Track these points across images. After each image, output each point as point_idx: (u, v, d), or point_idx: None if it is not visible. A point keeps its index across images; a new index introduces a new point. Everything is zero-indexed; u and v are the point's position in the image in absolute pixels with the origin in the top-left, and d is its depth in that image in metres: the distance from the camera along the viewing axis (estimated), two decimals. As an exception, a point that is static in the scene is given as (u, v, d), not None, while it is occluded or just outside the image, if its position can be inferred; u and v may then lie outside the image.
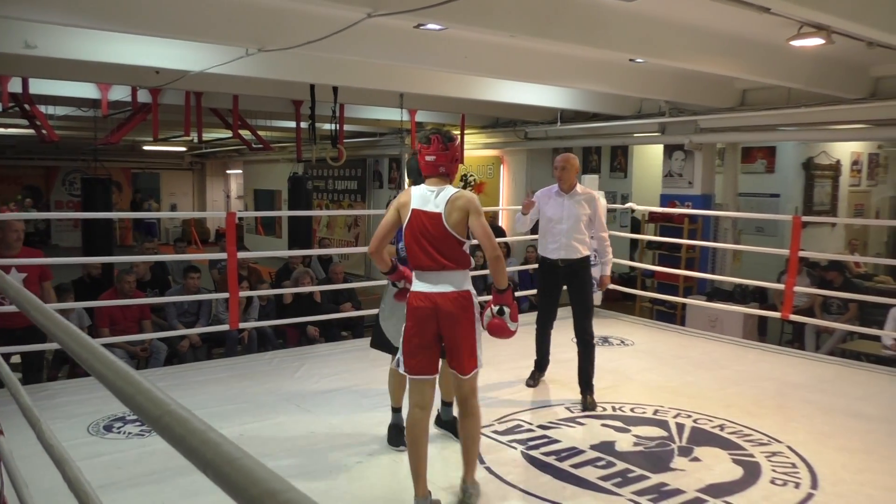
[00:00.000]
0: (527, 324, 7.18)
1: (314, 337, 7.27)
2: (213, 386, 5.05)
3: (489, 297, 3.31)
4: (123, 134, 9.99)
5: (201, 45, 5.96)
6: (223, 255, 6.01)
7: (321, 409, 4.53)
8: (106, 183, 10.67)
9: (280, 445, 3.92)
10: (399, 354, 3.24)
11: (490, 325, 3.24)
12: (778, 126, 8.53)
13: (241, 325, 6.21)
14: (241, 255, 6.52)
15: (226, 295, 5.73)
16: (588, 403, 4.60)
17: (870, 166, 12.51)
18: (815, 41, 5.08)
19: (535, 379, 5.13)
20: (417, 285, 3.16)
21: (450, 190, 3.13)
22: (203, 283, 8.43)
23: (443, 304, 3.08)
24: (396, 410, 3.98)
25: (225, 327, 6.00)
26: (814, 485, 3.51)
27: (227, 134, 12.05)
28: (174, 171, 25.10)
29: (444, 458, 3.76)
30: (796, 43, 5.20)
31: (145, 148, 19.59)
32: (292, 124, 10.60)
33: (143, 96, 8.76)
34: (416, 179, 3.74)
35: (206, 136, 13.14)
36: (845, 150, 11.89)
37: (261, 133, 11.74)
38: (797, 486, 3.50)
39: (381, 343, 4.07)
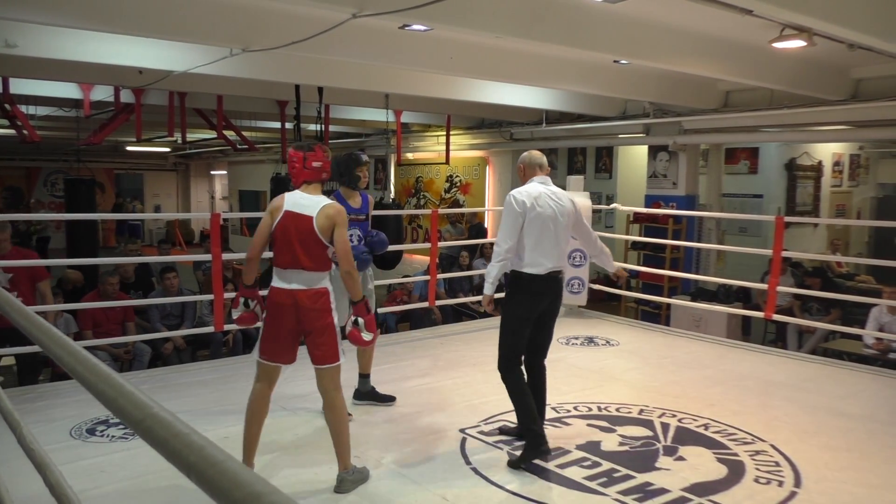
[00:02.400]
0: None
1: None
2: (198, 388, 5.02)
3: (479, 297, 3.43)
4: (106, 134, 9.90)
5: (185, 45, 5.92)
6: (208, 257, 5.97)
7: (306, 411, 4.51)
8: (89, 184, 10.57)
9: (265, 447, 3.89)
10: (258, 342, 3.49)
11: (349, 334, 3.55)
12: (761, 127, 8.60)
13: (226, 328, 6.17)
14: (226, 256, 6.47)
15: (210, 297, 5.70)
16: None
17: (851, 167, 12.65)
18: (797, 43, 5.13)
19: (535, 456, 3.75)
20: (279, 282, 3.37)
21: (323, 199, 3.40)
22: (187, 285, 8.37)
23: (303, 299, 3.33)
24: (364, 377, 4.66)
25: (210, 329, 5.96)
26: (797, 483, 3.54)
27: (212, 134, 11.96)
28: (158, 171, 24.90)
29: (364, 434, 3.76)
30: (778, 45, 5.25)
31: (128, 148, 19.43)
32: (277, 125, 10.56)
33: (127, 96, 8.69)
34: (348, 181, 4.45)
35: (191, 136, 13.03)
36: (827, 151, 12.02)
37: (245, 134, 11.69)
38: (780, 484, 3.53)
39: None
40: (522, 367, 3.85)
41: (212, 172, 25.32)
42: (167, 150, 21.19)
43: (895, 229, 12.29)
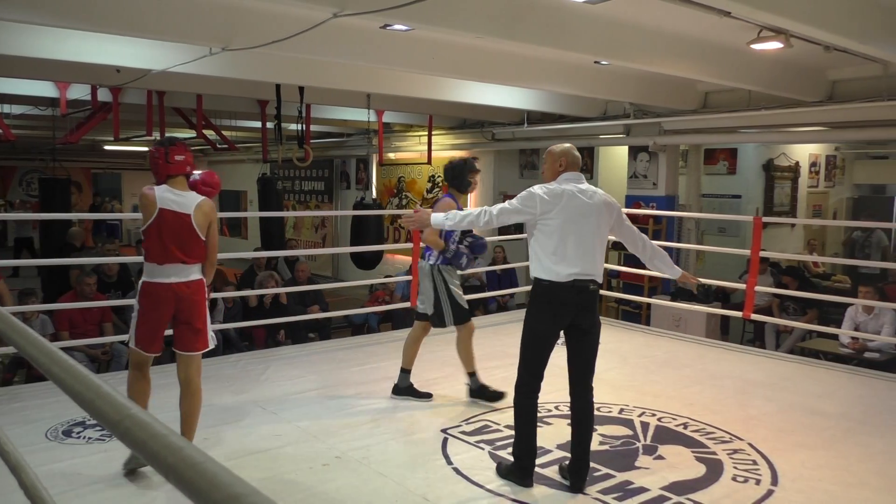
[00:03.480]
0: (493, 324, 7.23)
1: (280, 339, 7.22)
2: (177, 389, 4.96)
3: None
4: (83, 133, 9.78)
5: (163, 43, 5.86)
6: (187, 257, 5.91)
7: (287, 412, 4.49)
8: (65, 183, 10.44)
9: (245, 448, 3.87)
10: (132, 331, 3.58)
11: None
12: (739, 128, 8.69)
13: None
14: (206, 256, 6.41)
15: (190, 297, 5.64)
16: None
17: (827, 168, 12.82)
18: (774, 45, 5.19)
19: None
20: (157, 277, 3.47)
21: (195, 195, 3.52)
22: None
23: (183, 291, 3.49)
24: (406, 371, 4.79)
25: (189, 330, 5.90)
26: (774, 481, 3.58)
27: (191, 134, 11.86)
28: (136, 171, 24.55)
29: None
30: (756, 46, 5.31)
31: (106, 148, 19.18)
32: (258, 124, 10.48)
33: (104, 95, 8.59)
34: (459, 185, 4.66)
35: (170, 135, 12.91)
36: (804, 153, 12.17)
37: (226, 133, 11.59)
38: (758, 482, 3.57)
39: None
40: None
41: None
42: (146, 149, 20.92)
43: (869, 230, 12.52)
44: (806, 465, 3.80)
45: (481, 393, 4.72)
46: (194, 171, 3.64)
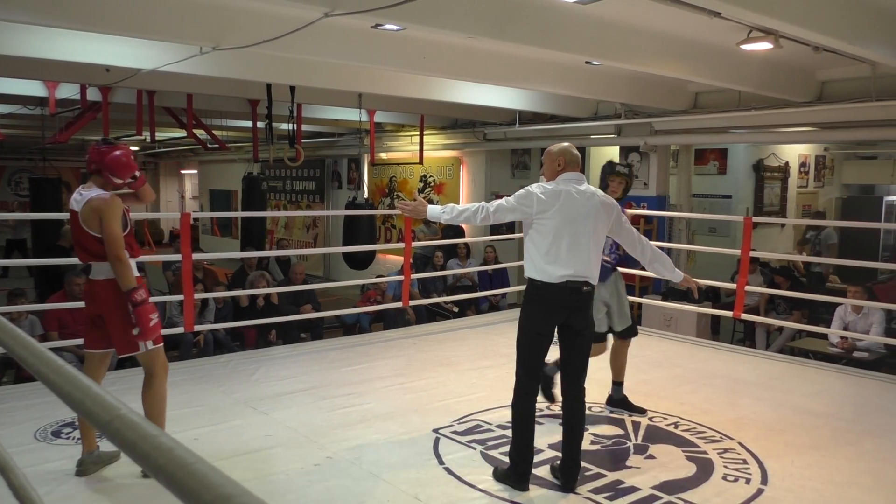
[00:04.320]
0: (484, 324, 7.23)
1: (272, 340, 7.20)
2: (168, 390, 4.94)
3: (453, 297, 3.37)
4: (72, 133, 9.71)
5: (153, 42, 5.83)
6: (178, 257, 5.90)
7: (278, 412, 4.48)
8: (55, 183, 10.37)
9: (236, 449, 3.86)
10: None
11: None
12: (729, 128, 8.72)
13: (197, 328, 6.10)
14: (196, 256, 6.40)
15: (180, 297, 5.63)
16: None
17: (816, 168, 12.90)
18: (764, 45, 5.22)
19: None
20: (87, 275, 3.56)
21: (94, 191, 3.44)
22: (157, 285, 8.26)
23: (96, 290, 3.45)
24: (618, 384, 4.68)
25: (179, 330, 5.89)
26: (764, 480, 3.60)
27: (182, 133, 11.83)
28: (126, 171, 24.49)
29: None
30: (746, 47, 5.33)
31: (96, 147, 19.06)
32: (249, 124, 10.45)
33: (93, 94, 8.54)
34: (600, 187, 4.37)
35: (160, 135, 12.85)
36: (793, 153, 12.24)
37: (216, 132, 11.55)
38: (748, 481, 3.59)
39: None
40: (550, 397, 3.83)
41: (182, 172, 24.98)
42: (136, 149, 20.87)
43: (861, 229, 12.59)
44: (796, 465, 3.82)
45: (624, 404, 4.65)
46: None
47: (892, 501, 3.41)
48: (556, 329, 3.46)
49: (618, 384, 4.70)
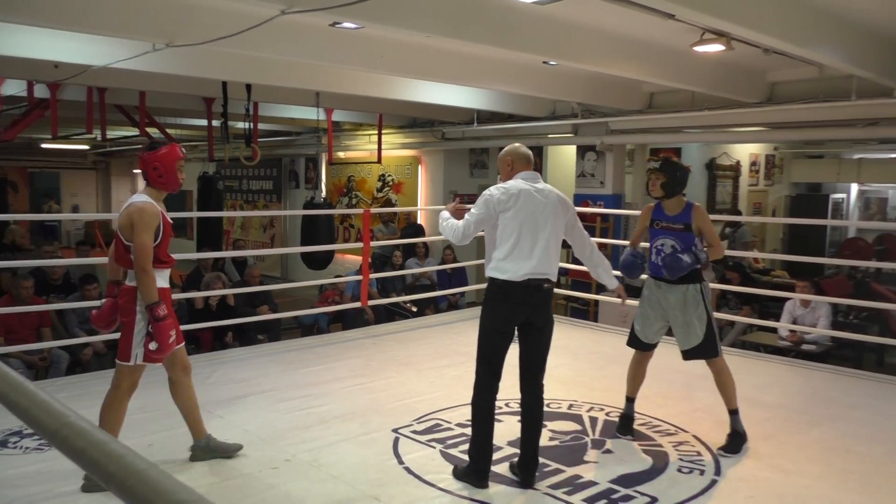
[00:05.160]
0: (443, 323, 7.24)
1: (228, 342, 7.09)
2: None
3: (412, 297, 3.38)
4: (19, 131, 9.41)
5: (104, 38, 5.69)
6: (130, 258, 5.76)
7: (235, 416, 4.42)
8: (1, 182, 10.04)
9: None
10: None
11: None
12: (683, 128, 8.90)
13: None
14: (150, 257, 6.25)
15: (133, 299, 5.49)
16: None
17: (767, 167, 13.24)
18: (717, 47, 5.34)
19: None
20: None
21: (134, 198, 3.43)
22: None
23: (121, 293, 3.42)
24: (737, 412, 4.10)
25: (132, 333, 5.75)
26: (717, 471, 3.69)
27: (134, 132, 11.55)
28: (76, 170, 23.82)
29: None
30: (699, 48, 5.45)
31: (44, 146, 18.53)
32: (204, 122, 10.28)
33: (41, 91, 8.30)
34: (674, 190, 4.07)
35: (111, 133, 12.53)
36: (745, 152, 12.55)
37: (170, 131, 11.33)
38: (702, 473, 3.67)
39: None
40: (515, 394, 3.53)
41: (134, 171, 24.40)
42: (86, 147, 20.33)
43: (808, 226, 12.95)
44: (747, 455, 3.91)
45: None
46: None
47: (838, 488, 3.52)
48: (516, 327, 3.48)
49: (732, 412, 4.13)
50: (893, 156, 13.38)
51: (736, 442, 3.98)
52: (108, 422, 3.34)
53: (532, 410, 3.53)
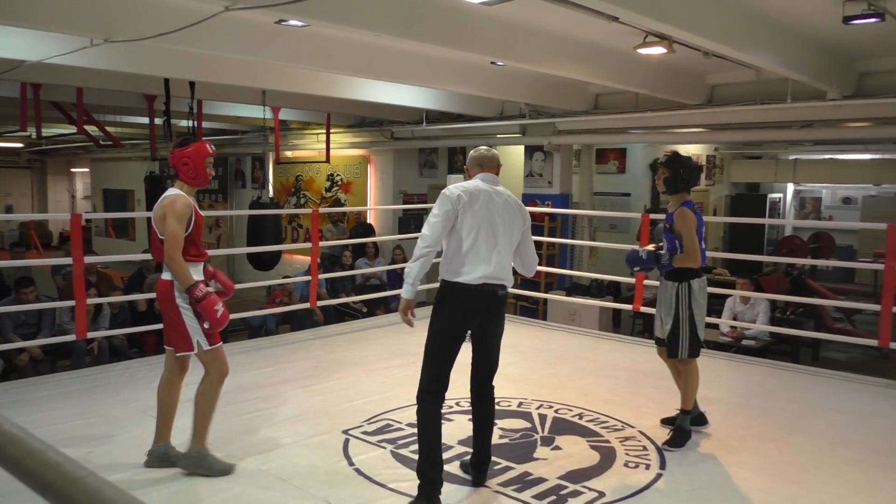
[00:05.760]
0: (393, 323, 7.21)
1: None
2: (59, 401, 4.68)
3: (361, 297, 3.37)
4: (-53, 127, 9.03)
5: (39, 32, 5.48)
6: (68, 260, 5.58)
7: (180, 420, 4.27)
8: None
9: (135, 461, 3.68)
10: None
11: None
12: (628, 129, 9.08)
13: (90, 335, 5.80)
14: (89, 259, 6.07)
15: (71, 303, 5.33)
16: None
17: (708, 167, 13.60)
18: (659, 50, 5.46)
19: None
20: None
21: (168, 192, 3.52)
22: (45, 291, 7.79)
23: (157, 288, 3.53)
24: (687, 413, 4.12)
25: (71, 338, 5.58)
26: (662, 465, 3.77)
27: (71, 130, 11.18)
28: (9, 168, 22.95)
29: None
30: (642, 51, 5.56)
31: (-25, 143, 17.80)
32: (145, 120, 10.01)
33: (-29, 87, 7.96)
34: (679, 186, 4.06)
35: (47, 131, 12.14)
36: (686, 152, 12.83)
37: (110, 129, 11.00)
38: (647, 467, 3.75)
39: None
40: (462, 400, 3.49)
41: (72, 170, 23.67)
42: (20, 145, 19.60)
43: (747, 225, 13.36)
44: (691, 448, 4.02)
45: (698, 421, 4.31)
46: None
47: (777, 479, 3.64)
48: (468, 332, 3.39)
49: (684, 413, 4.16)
50: (827, 157, 13.94)
51: (679, 437, 4.07)
52: (205, 406, 3.53)
53: (484, 413, 3.52)
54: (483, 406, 3.52)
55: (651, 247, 4.27)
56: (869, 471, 3.76)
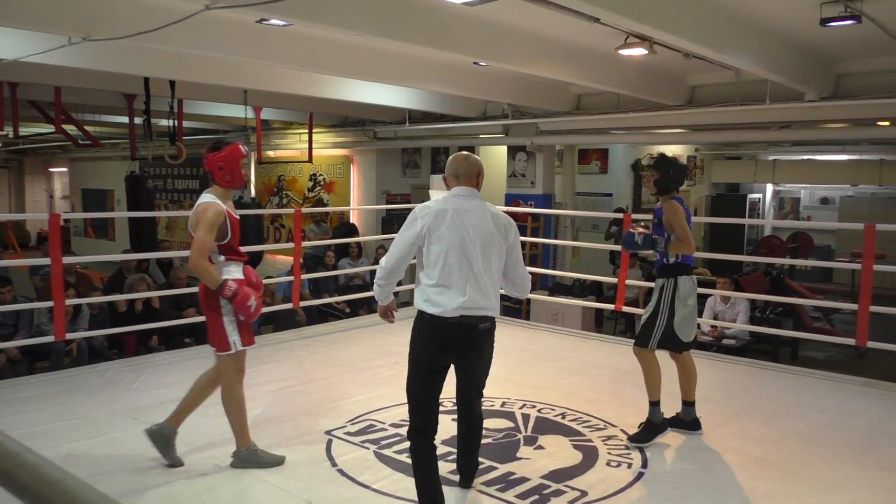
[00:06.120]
0: (376, 323, 7.20)
1: (154, 345, 6.87)
2: (37, 403, 4.62)
3: (345, 297, 3.37)
4: (-78, 126, 8.87)
5: (15, 30, 5.41)
6: (46, 261, 5.51)
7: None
8: None
9: (115, 463, 3.66)
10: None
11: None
12: (609, 129, 9.13)
13: (69, 336, 5.73)
14: (67, 259, 6.01)
15: (50, 304, 5.27)
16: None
17: (688, 168, 13.71)
18: (640, 51, 5.50)
19: None
20: None
21: (202, 197, 3.59)
22: (23, 291, 7.70)
23: (198, 292, 3.64)
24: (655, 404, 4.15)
25: (49, 339, 5.51)
26: (644, 464, 3.80)
27: (49, 129, 11.05)
28: (-14, 168, 22.67)
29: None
30: (624, 52, 5.60)
31: (-50, 143, 17.54)
32: (125, 119, 9.91)
33: (-53, 85, 7.84)
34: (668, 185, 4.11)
35: (24, 130, 11.99)
36: (668, 153, 12.95)
37: (89, 128, 10.89)
38: (629, 466, 3.77)
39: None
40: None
41: (50, 170, 23.37)
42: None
43: (727, 225, 13.48)
44: (672, 447, 4.05)
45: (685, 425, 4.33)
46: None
47: (757, 477, 3.68)
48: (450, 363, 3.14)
49: (687, 404, 4.29)
50: (805, 157, 14.10)
51: (646, 431, 4.08)
52: (232, 409, 3.61)
53: (471, 431, 3.36)
54: (470, 425, 3.35)
55: (642, 229, 4.27)
56: (846, 468, 3.81)
